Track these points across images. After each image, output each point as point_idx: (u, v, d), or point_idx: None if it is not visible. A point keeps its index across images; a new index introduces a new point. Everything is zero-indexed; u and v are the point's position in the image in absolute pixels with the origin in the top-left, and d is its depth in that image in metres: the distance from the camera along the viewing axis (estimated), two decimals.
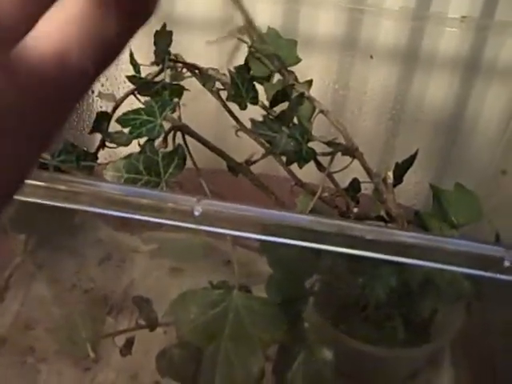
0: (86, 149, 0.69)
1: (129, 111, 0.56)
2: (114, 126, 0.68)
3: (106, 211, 0.44)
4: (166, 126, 0.59)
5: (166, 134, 0.57)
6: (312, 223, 0.44)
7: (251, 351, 0.61)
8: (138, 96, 0.66)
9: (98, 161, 0.68)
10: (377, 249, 0.47)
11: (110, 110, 0.69)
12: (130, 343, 0.64)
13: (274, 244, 0.46)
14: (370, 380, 0.70)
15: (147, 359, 0.70)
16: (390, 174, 0.69)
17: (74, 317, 0.75)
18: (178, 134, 0.60)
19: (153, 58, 0.68)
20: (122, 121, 0.55)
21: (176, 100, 0.59)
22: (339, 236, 0.44)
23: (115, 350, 0.70)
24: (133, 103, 0.67)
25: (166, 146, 0.56)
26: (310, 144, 0.64)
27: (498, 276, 0.46)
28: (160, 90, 0.62)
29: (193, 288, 0.64)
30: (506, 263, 0.45)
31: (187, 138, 0.62)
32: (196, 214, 0.44)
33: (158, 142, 0.56)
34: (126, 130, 0.55)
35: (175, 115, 0.61)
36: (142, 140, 0.58)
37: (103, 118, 0.68)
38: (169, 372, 0.62)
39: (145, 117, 0.54)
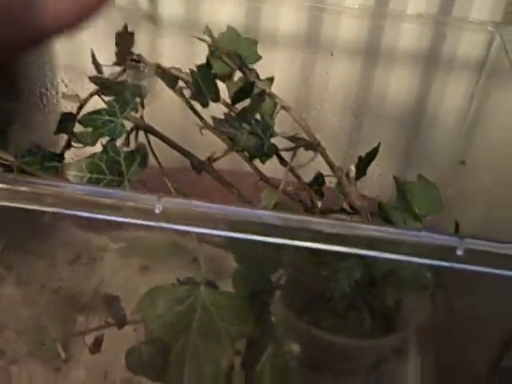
0: (52, 150, 0.69)
1: (90, 112, 0.56)
2: (79, 127, 0.68)
3: (66, 211, 0.45)
4: (130, 125, 0.59)
5: (129, 134, 0.57)
6: (275, 218, 0.45)
7: (219, 346, 0.61)
8: (104, 96, 0.67)
9: (67, 161, 0.69)
10: (337, 242, 0.48)
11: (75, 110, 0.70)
12: (99, 341, 0.65)
13: (238, 240, 0.47)
14: (336, 370, 0.71)
15: (118, 356, 0.70)
16: (352, 167, 0.70)
17: (43, 317, 0.76)
18: (142, 133, 0.61)
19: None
20: (83, 121, 0.56)
21: (137, 99, 0.60)
22: (302, 231, 0.45)
23: (86, 348, 0.71)
24: (98, 104, 0.68)
25: (128, 145, 0.57)
26: (274, 140, 0.65)
27: (453, 265, 0.47)
28: (122, 91, 0.63)
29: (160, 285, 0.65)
30: (459, 252, 0.46)
31: (151, 137, 0.63)
32: (157, 211, 0.44)
33: (121, 141, 0.57)
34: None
35: (138, 115, 0.62)
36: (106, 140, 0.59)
37: (68, 119, 0.69)
38: (138, 369, 0.63)
39: (106, 117, 0.55)
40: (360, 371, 0.72)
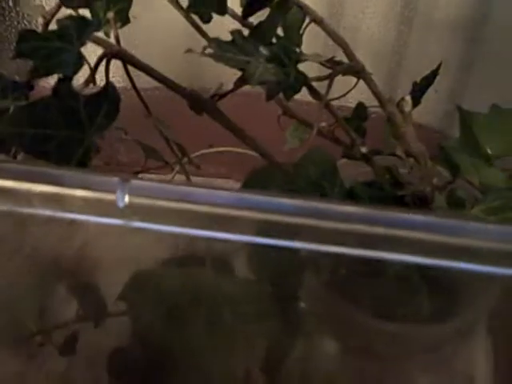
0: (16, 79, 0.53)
1: (35, 35, 0.39)
2: None
3: None
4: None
5: (94, 68, 0.40)
6: (297, 209, 0.28)
7: (232, 347, 0.46)
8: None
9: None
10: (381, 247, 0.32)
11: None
12: (71, 341, 0.50)
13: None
14: (389, 360, 0.56)
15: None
16: (408, 98, 0.54)
17: (16, 290, 0.61)
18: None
19: None
20: (23, 50, 0.38)
21: (109, 15, 0.42)
22: (333, 233, 0.29)
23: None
24: None
25: (95, 84, 0.40)
26: (300, 66, 0.48)
27: None
28: (91, 0, 0.45)
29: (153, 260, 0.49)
30: None
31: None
32: (120, 204, 0.28)
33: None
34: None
35: (112, 36, 0.44)
36: None
37: (30, 38, 0.51)
38: (124, 375, 0.48)
39: (56, 43, 0.38)
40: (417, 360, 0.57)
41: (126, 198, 0.28)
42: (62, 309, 0.55)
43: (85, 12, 0.47)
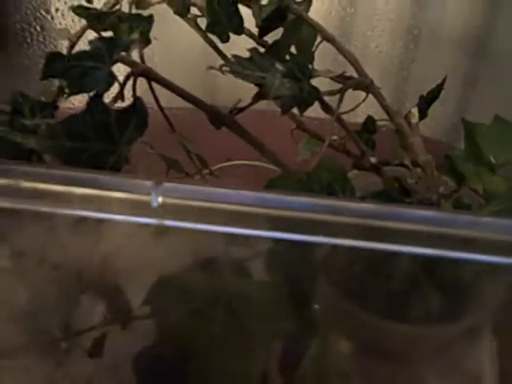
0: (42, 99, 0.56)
1: (68, 56, 0.42)
2: None
3: (25, 206, 0.31)
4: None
5: (123, 84, 0.43)
6: (316, 208, 0.31)
7: (250, 348, 0.49)
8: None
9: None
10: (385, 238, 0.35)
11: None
12: (99, 343, 0.52)
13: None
14: (400, 360, 0.58)
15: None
16: (415, 111, 0.56)
17: (41, 299, 0.63)
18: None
19: None
20: (51, 71, 0.42)
21: (134, 36, 0.45)
22: (349, 226, 0.32)
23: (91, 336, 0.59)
24: None
25: (123, 100, 0.43)
26: (312, 81, 0.50)
27: None
28: (116, 23, 0.48)
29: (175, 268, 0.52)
30: None
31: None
32: (154, 204, 0.31)
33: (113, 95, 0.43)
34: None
35: (137, 55, 0.48)
36: None
37: (56, 60, 0.55)
38: (149, 377, 0.50)
39: (88, 63, 0.41)
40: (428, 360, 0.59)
41: (160, 199, 0.31)
42: (90, 312, 0.58)
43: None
